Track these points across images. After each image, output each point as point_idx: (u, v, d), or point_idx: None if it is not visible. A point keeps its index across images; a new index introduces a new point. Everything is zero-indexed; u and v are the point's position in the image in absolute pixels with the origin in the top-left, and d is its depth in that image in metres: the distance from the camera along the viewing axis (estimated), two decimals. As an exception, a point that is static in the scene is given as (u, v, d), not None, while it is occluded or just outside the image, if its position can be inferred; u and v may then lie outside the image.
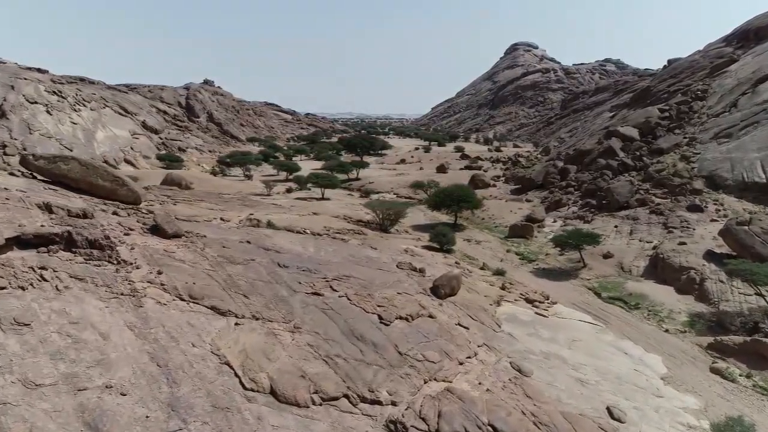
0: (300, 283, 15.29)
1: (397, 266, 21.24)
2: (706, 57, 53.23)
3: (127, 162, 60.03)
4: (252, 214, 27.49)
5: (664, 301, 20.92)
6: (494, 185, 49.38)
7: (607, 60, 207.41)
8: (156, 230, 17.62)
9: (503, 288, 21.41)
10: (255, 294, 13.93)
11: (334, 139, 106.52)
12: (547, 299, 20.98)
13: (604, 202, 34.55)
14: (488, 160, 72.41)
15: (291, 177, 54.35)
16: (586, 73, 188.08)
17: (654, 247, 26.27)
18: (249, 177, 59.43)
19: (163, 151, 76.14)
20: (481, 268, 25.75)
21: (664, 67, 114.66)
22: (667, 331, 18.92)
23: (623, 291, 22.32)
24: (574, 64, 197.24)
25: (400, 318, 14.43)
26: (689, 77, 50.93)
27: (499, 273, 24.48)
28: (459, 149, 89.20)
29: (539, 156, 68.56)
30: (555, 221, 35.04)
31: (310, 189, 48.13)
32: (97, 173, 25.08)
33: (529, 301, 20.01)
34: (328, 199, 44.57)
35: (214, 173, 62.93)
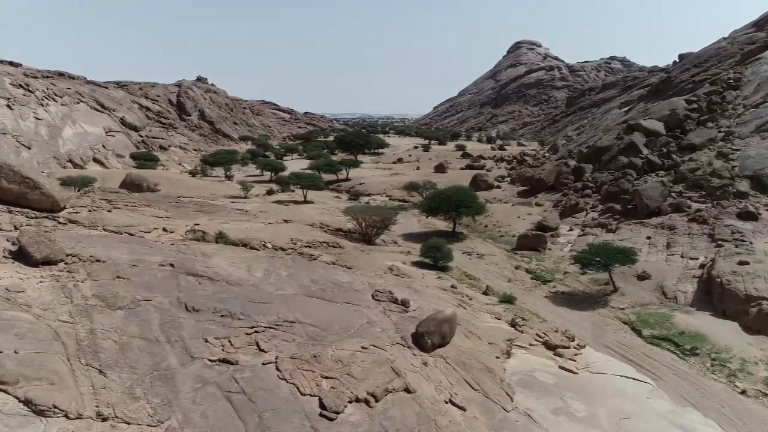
0: (207, 340, 10.01)
1: (372, 297, 15.98)
2: (735, 43, 47.78)
3: (96, 161, 54.93)
4: (197, 224, 22.25)
5: (730, 345, 15.60)
6: (499, 186, 44.06)
7: (613, 57, 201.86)
8: (21, 255, 12.41)
9: (514, 325, 16.13)
10: (120, 366, 8.68)
11: (331, 138, 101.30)
12: (573, 341, 15.69)
13: (629, 206, 29.22)
14: (491, 159, 67.01)
15: (275, 177, 49.23)
16: (592, 71, 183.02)
17: (701, 266, 20.96)
18: (230, 177, 54.37)
19: (143, 150, 71.10)
20: (485, 293, 20.48)
21: (674, 62, 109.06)
22: (744, 392, 13.60)
23: (671, 328, 16.98)
24: (578, 62, 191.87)
25: (357, 401, 9.16)
26: (716, 65, 45.54)
27: (508, 300, 19.23)
28: (460, 147, 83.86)
29: (547, 154, 63.31)
30: (571, 229, 29.73)
31: (293, 191, 42.91)
32: (1, 173, 20.22)
33: (550, 347, 14.72)
34: (310, 202, 39.44)
35: (192, 173, 57.92)
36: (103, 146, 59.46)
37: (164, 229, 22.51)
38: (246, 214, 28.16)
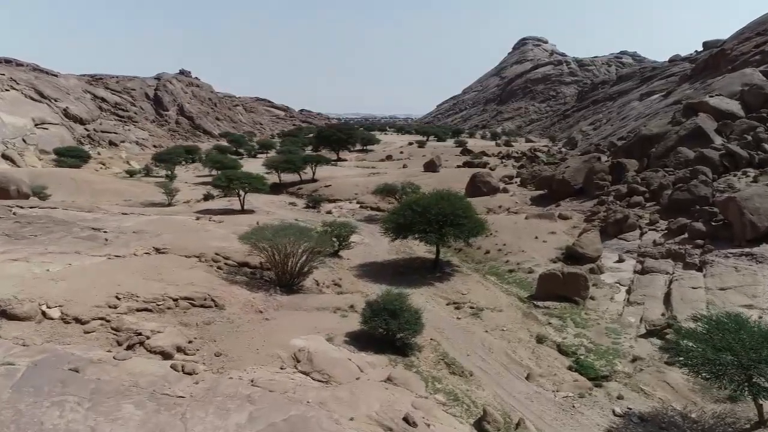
0: None
1: None
2: (813, 4, 36.70)
3: (6, 157, 44.29)
4: None
5: None
6: (506, 190, 33.11)
7: (623, 52, 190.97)
8: None
9: None
10: None
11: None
12: None
13: (714, 223, 18.36)
14: (496, 156, 55.87)
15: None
16: (602, 66, 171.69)
17: None
18: (171, 178, 43.78)
19: (87, 145, 60.97)
20: (480, 426, 9.66)
21: (697, 51, 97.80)
22: None
23: None
24: (587, 57, 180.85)
25: None
26: (792, 31, 34.59)
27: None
28: (460, 144, 72.85)
29: (563, 149, 52.27)
30: (621, 260, 18.87)
31: (239, 195, 32.07)
32: None
33: None
34: (250, 211, 28.86)
35: (131, 173, 47.49)
36: (24, 140, 48.96)
37: None
38: (96, 238, 17.35)
